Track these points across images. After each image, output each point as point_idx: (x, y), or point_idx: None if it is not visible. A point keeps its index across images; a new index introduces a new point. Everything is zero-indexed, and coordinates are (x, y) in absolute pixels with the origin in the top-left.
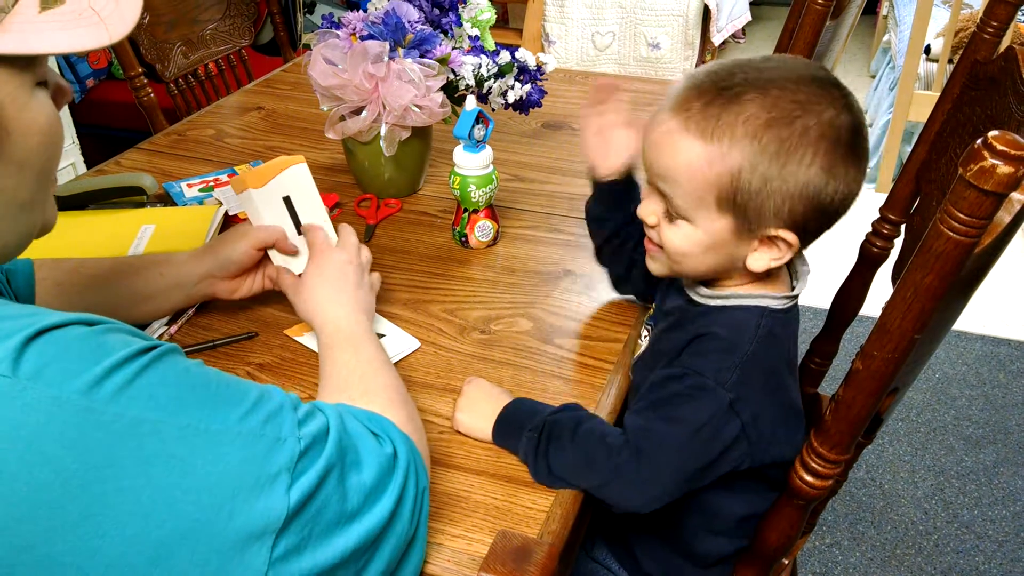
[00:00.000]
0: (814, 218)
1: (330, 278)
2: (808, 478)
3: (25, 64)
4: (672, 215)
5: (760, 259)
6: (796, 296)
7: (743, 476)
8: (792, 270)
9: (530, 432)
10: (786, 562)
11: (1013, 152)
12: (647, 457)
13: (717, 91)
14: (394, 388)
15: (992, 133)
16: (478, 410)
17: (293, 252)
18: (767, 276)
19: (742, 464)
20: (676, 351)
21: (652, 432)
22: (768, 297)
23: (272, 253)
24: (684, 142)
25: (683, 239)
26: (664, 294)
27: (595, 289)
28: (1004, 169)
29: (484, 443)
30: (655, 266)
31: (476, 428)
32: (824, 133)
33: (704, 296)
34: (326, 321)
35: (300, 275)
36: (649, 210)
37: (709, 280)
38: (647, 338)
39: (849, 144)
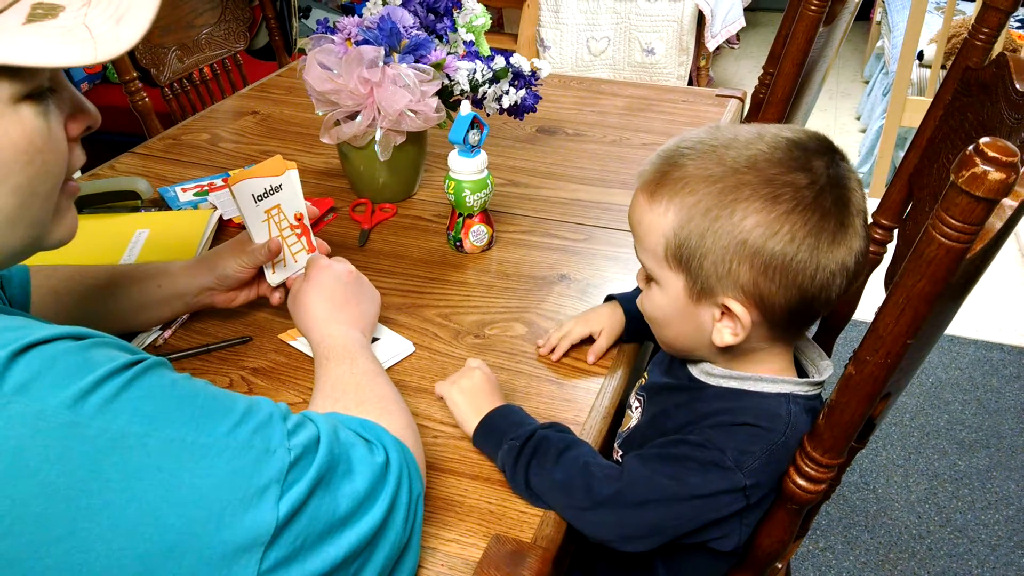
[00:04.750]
0: (769, 283)
1: (327, 293)
2: (802, 483)
3: (6, 75)
4: (649, 276)
5: (721, 331)
6: (822, 383)
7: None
8: (808, 360)
9: (512, 441)
10: (780, 566)
11: (1004, 159)
12: (633, 495)
13: (676, 149)
14: (390, 398)
15: (983, 140)
16: (474, 403)
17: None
18: (777, 365)
19: (728, 544)
20: (679, 428)
21: (648, 480)
22: (789, 383)
23: (268, 274)
24: (640, 198)
25: (653, 305)
26: (663, 367)
27: (589, 294)
28: (995, 175)
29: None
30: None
31: (463, 418)
32: (760, 188)
33: (715, 377)
34: (322, 337)
35: (296, 288)
36: (639, 275)
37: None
38: (639, 410)
39: (798, 203)
